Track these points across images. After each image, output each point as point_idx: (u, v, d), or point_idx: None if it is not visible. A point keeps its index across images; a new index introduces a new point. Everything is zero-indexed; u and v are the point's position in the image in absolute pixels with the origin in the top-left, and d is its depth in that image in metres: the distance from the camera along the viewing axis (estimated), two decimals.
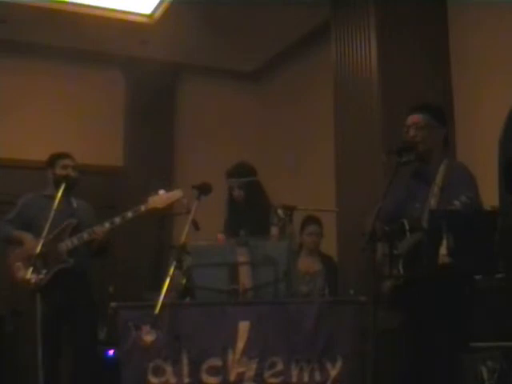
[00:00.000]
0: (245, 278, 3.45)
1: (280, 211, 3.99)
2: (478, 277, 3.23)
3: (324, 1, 5.73)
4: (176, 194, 4.19)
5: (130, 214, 4.22)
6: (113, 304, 3.47)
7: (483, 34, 5.03)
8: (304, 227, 5.19)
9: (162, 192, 4.18)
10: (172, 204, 4.20)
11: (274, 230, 3.98)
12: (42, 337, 4.34)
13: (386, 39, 5.20)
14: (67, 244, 4.30)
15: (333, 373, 3.28)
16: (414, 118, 3.48)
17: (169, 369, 3.32)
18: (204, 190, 3.60)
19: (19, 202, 4.57)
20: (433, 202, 3.20)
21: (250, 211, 4.01)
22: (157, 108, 7.26)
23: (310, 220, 5.20)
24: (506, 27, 4.83)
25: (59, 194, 4.26)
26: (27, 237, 4.35)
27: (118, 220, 4.26)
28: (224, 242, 3.91)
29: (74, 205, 4.54)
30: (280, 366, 3.28)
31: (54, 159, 4.55)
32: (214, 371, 3.30)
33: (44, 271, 4.22)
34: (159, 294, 3.12)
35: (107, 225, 4.27)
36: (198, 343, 3.33)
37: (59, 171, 4.49)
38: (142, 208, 4.19)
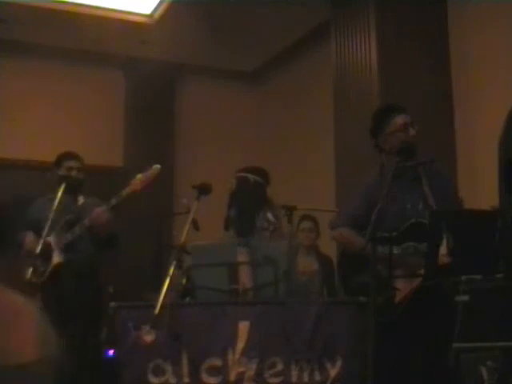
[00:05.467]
0: (245, 278, 3.45)
1: (270, 215, 3.95)
2: (478, 277, 3.22)
3: (324, 1, 5.73)
4: (153, 171, 4.21)
5: (113, 201, 4.23)
6: (113, 304, 3.47)
7: (483, 34, 5.03)
8: (298, 225, 5.22)
9: (139, 176, 4.20)
10: (152, 181, 4.21)
11: (266, 235, 3.94)
12: None
13: (386, 39, 5.20)
14: (62, 240, 4.30)
15: (332, 373, 3.27)
16: (410, 118, 3.43)
17: (169, 369, 3.32)
18: (204, 189, 3.59)
19: (28, 210, 4.59)
20: (431, 202, 3.20)
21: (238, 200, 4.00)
22: (157, 108, 7.26)
23: (304, 217, 5.25)
24: (506, 27, 4.83)
25: (59, 195, 4.28)
26: (27, 238, 4.36)
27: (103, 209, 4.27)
28: None
29: (80, 203, 4.53)
30: (280, 366, 3.28)
31: (60, 160, 4.55)
32: (213, 371, 3.30)
33: (42, 269, 4.23)
34: (159, 294, 3.12)
35: (98, 209, 4.27)
36: (198, 343, 3.33)
37: (62, 172, 4.49)
38: (124, 193, 4.20)
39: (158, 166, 4.20)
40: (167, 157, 7.16)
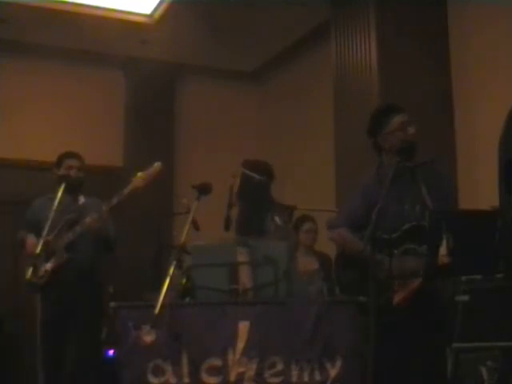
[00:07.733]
0: (245, 278, 3.45)
1: (277, 219, 3.95)
2: (478, 277, 3.22)
3: (324, 1, 5.73)
4: (154, 168, 4.21)
5: (115, 200, 4.23)
6: (113, 304, 3.46)
7: (483, 34, 5.03)
8: (299, 226, 5.22)
9: (140, 174, 4.20)
10: (154, 179, 4.22)
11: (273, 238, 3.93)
12: (43, 336, 4.35)
13: (386, 39, 5.20)
14: (63, 239, 4.30)
15: (332, 373, 3.27)
16: (408, 117, 3.42)
17: (169, 369, 3.32)
18: (204, 189, 3.59)
19: (28, 210, 4.59)
20: (429, 203, 3.20)
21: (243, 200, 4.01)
22: (157, 108, 7.26)
23: (305, 218, 5.25)
24: (506, 27, 4.83)
25: (59, 194, 4.29)
26: (29, 238, 4.36)
27: (104, 208, 4.27)
28: None
29: (80, 202, 4.54)
30: (280, 366, 3.28)
31: (61, 159, 4.56)
32: (214, 371, 3.30)
33: (43, 269, 4.23)
34: (159, 294, 3.12)
35: (95, 214, 4.27)
36: (198, 343, 3.32)
37: (62, 171, 4.50)
38: (125, 191, 4.20)
39: (159, 163, 4.21)
40: (167, 157, 7.14)
